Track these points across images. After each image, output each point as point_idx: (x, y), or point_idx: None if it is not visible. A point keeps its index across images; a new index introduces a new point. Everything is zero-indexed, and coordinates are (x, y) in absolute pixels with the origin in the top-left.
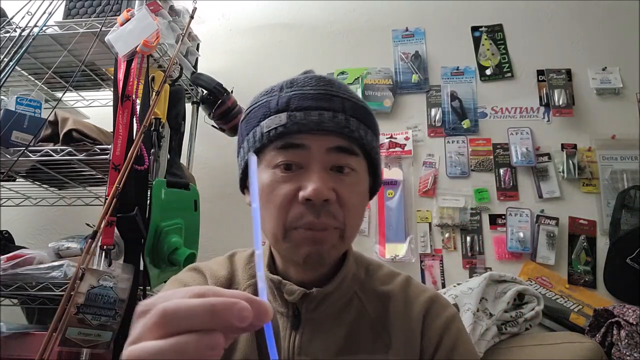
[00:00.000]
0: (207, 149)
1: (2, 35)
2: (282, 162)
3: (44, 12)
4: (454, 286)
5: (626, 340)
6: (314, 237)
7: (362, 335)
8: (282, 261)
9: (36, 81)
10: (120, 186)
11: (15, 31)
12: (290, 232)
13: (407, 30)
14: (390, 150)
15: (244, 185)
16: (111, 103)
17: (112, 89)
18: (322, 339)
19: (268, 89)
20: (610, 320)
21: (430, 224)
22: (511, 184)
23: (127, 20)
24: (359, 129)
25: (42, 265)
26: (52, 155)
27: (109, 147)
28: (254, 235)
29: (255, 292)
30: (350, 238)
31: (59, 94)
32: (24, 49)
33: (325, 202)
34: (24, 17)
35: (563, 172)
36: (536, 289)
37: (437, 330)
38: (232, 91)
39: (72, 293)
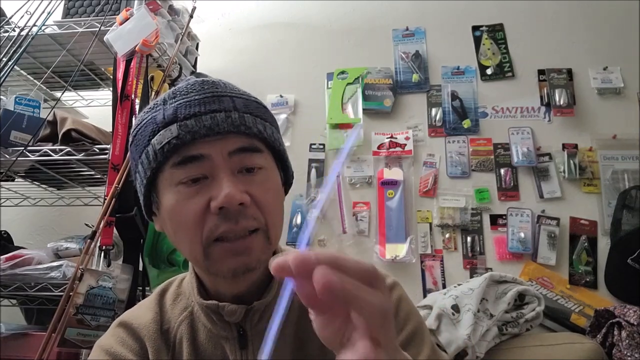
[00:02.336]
0: None
1: (1, 35)
2: (185, 178)
3: (43, 12)
4: (455, 287)
5: (627, 341)
6: (235, 249)
7: (310, 332)
8: (210, 282)
9: (35, 81)
10: (120, 186)
11: (14, 30)
12: (210, 249)
13: (407, 29)
14: (391, 150)
15: (150, 212)
16: (110, 103)
17: (111, 89)
18: (273, 349)
19: (151, 105)
20: (611, 321)
21: (430, 224)
22: (512, 184)
23: (126, 19)
24: (257, 124)
25: (41, 266)
26: (51, 155)
27: (108, 147)
28: None
29: (190, 328)
30: (275, 238)
31: (58, 94)
32: (22, 48)
33: (241, 205)
34: (22, 16)
35: (564, 172)
36: (537, 290)
37: None
38: None
39: (71, 293)
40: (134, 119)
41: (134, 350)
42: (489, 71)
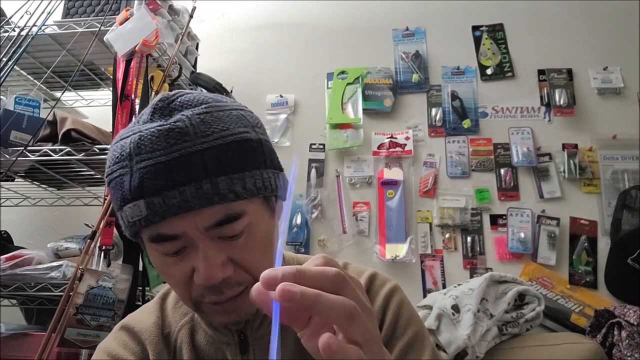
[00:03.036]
0: None
1: (1, 35)
2: (163, 252)
3: (43, 12)
4: (455, 287)
5: (627, 341)
6: (224, 310)
7: None
8: None
9: (35, 81)
10: None
11: (14, 30)
12: (200, 305)
13: (407, 29)
14: (391, 150)
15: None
16: (110, 103)
17: (111, 89)
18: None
19: (117, 149)
20: (611, 321)
21: (430, 224)
22: (512, 184)
23: (126, 19)
24: (233, 186)
25: (41, 266)
26: (51, 155)
27: (108, 147)
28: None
29: (190, 333)
30: None
31: (57, 94)
32: (22, 48)
33: (225, 278)
34: (22, 16)
35: (564, 172)
36: (537, 290)
37: (380, 306)
38: (231, 91)
39: (71, 293)
40: (134, 118)
41: (136, 354)
42: (489, 71)
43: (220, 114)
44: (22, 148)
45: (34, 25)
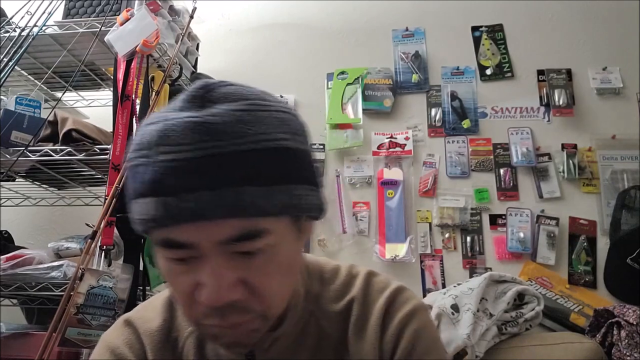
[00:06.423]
0: None
1: (1, 35)
2: (170, 257)
3: (44, 12)
4: (454, 286)
5: (626, 341)
6: (227, 334)
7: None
8: None
9: (36, 81)
10: (120, 186)
11: (15, 31)
12: (201, 326)
13: (407, 30)
14: (390, 150)
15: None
16: (111, 103)
17: (111, 89)
18: None
19: (142, 135)
20: (610, 321)
21: (430, 224)
22: (511, 184)
23: (127, 20)
24: (259, 199)
25: (41, 266)
26: (52, 155)
27: (109, 147)
28: None
29: (199, 342)
30: (278, 310)
31: (58, 94)
32: (23, 48)
33: (232, 301)
34: (23, 17)
35: (563, 172)
36: (536, 289)
37: (393, 333)
38: None
39: (71, 293)
40: (134, 119)
41: (138, 356)
42: (488, 71)
43: (261, 115)
44: (23, 148)
45: (35, 25)
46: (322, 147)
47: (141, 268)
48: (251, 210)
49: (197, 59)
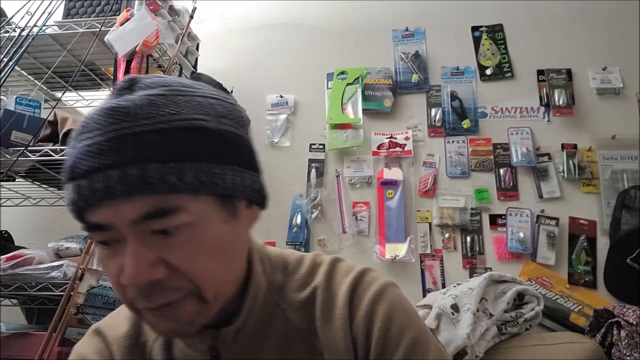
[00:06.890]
0: None
1: (1, 35)
2: (96, 240)
3: (44, 12)
4: (454, 286)
5: (626, 341)
6: (162, 315)
7: (295, 350)
8: None
9: (36, 81)
10: None
11: (15, 31)
12: (136, 311)
13: (407, 30)
14: (390, 150)
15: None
16: None
17: (111, 89)
18: None
19: (80, 122)
20: (610, 321)
21: (430, 224)
22: (511, 184)
23: (127, 20)
24: (166, 176)
25: (41, 266)
26: (52, 155)
27: None
28: None
29: (166, 347)
30: (219, 294)
31: (58, 94)
32: (23, 48)
33: (154, 280)
34: (23, 17)
35: (563, 172)
36: (536, 289)
37: (364, 315)
38: (232, 91)
39: (71, 293)
40: None
41: None
42: (488, 71)
43: (179, 99)
44: (23, 148)
45: (35, 25)
46: (322, 147)
47: None
48: (160, 187)
49: (197, 59)
